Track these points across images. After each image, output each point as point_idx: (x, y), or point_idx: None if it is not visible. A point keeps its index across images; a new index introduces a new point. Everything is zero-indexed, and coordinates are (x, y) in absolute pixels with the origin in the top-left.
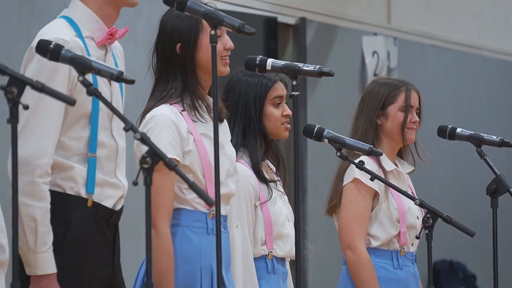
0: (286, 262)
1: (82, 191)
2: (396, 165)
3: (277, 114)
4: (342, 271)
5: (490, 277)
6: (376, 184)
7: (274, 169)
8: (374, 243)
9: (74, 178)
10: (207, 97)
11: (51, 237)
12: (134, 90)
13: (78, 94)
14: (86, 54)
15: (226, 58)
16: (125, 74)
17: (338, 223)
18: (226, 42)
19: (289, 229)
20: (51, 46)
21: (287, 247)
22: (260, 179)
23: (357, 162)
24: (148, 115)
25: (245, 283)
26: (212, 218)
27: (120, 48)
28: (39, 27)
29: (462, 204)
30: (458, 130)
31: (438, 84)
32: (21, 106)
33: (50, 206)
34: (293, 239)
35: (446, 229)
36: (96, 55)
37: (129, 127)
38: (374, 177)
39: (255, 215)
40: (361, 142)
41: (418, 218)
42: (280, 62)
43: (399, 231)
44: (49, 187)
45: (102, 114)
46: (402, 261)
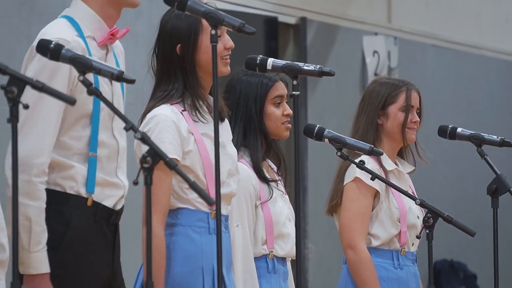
0: (287, 262)
1: (82, 191)
2: (396, 164)
3: (277, 114)
4: (343, 271)
5: (491, 277)
6: (377, 183)
7: (275, 168)
8: (375, 243)
9: (74, 177)
10: (208, 97)
11: (46, 236)
12: (134, 89)
13: (79, 94)
14: (87, 54)
15: (227, 57)
16: (125, 73)
17: (338, 223)
18: (226, 41)
19: (290, 228)
20: (52, 46)
21: (288, 247)
22: (260, 179)
23: (357, 161)
24: (148, 115)
25: (245, 283)
26: (213, 218)
27: (121, 47)
28: (40, 27)
29: (462, 204)
30: (459, 130)
31: (438, 84)
32: (21, 106)
33: (50, 205)
34: (293, 239)
35: (446, 228)
36: (97, 55)
37: (129, 127)
38: (374, 176)
39: (256, 215)
40: (361, 142)
41: (418, 217)
42: (280, 62)
43: (400, 231)
44: (48, 187)
45: (103, 114)
46: (403, 260)
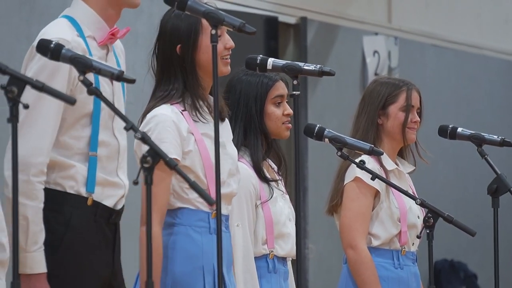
0: (288, 262)
1: (82, 190)
2: (397, 164)
3: (278, 114)
4: (343, 271)
5: (491, 276)
6: (377, 183)
7: (275, 168)
8: (375, 242)
9: (74, 177)
10: (209, 96)
11: (43, 236)
12: (134, 89)
13: (79, 94)
14: (88, 54)
15: (227, 57)
16: (125, 73)
17: (339, 222)
18: (226, 41)
19: (290, 228)
20: (52, 46)
21: (288, 247)
22: (261, 179)
23: (358, 161)
24: (148, 115)
25: (245, 283)
26: (214, 218)
27: (121, 46)
28: (40, 27)
29: (463, 203)
30: (459, 129)
31: (439, 83)
32: (21, 105)
33: (50, 205)
34: (294, 239)
35: (447, 228)
36: (98, 55)
37: (129, 127)
38: (375, 176)
39: (256, 215)
40: (362, 142)
41: (419, 217)
42: (281, 62)
43: (400, 231)
44: (49, 186)
45: (103, 114)
46: (403, 260)
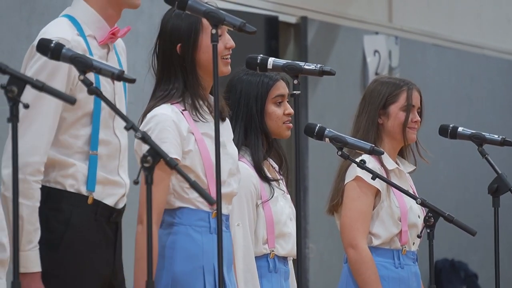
0: (289, 261)
1: (82, 189)
2: (397, 164)
3: (278, 113)
4: (344, 270)
5: (492, 276)
6: (378, 182)
7: (276, 167)
8: (376, 242)
9: (74, 175)
10: (209, 96)
11: (38, 236)
12: (135, 89)
13: (79, 93)
14: (88, 53)
15: (227, 57)
16: (126, 72)
17: (339, 222)
18: (227, 41)
19: (291, 228)
20: (52, 45)
21: (289, 246)
22: (261, 178)
23: (358, 161)
24: (149, 115)
25: (246, 282)
26: (214, 217)
27: (122, 45)
28: (40, 26)
29: (463, 203)
30: (460, 129)
31: (439, 83)
32: (21, 105)
33: (50, 203)
34: (294, 238)
35: (447, 228)
36: (98, 54)
37: (130, 126)
38: (375, 176)
39: (257, 214)
40: (362, 141)
41: (419, 217)
42: (281, 61)
43: (401, 230)
44: (49, 185)
45: (104, 113)
46: (404, 260)
